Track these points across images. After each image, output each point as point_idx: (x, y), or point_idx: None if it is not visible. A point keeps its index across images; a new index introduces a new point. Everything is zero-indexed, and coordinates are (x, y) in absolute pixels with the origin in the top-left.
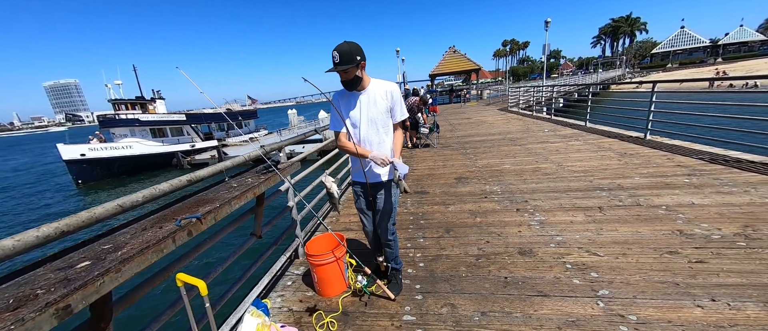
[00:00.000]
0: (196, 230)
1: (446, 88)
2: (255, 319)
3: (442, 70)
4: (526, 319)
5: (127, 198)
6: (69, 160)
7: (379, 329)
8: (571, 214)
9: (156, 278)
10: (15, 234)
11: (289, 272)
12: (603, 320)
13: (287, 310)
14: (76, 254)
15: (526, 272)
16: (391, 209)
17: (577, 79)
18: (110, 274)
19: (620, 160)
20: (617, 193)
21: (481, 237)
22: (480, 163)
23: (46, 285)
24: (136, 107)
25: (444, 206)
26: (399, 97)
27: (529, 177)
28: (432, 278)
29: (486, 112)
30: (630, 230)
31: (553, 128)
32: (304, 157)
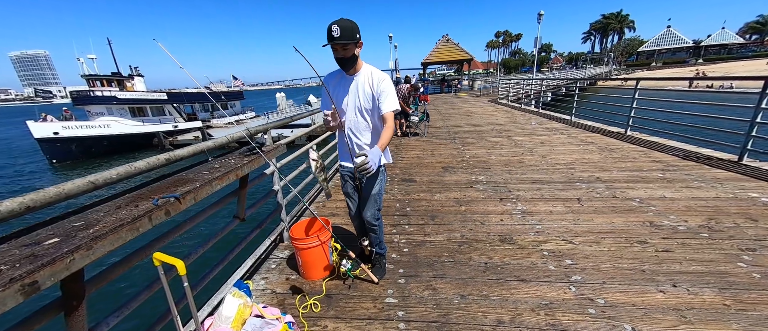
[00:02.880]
0: (174, 210)
1: (438, 77)
2: (237, 300)
3: (435, 59)
4: (503, 302)
5: (100, 175)
6: (41, 139)
7: (362, 311)
8: (551, 204)
9: (132, 258)
10: None
11: (273, 255)
12: (573, 303)
13: (270, 292)
14: (43, 230)
15: (505, 258)
16: (377, 195)
17: (566, 74)
18: (81, 251)
19: (601, 154)
20: (595, 185)
21: (465, 225)
22: (467, 153)
23: (11, 261)
24: (112, 84)
25: (430, 194)
26: (387, 87)
27: (514, 168)
28: (415, 263)
29: (476, 103)
30: (604, 221)
31: (539, 121)
32: (291, 140)
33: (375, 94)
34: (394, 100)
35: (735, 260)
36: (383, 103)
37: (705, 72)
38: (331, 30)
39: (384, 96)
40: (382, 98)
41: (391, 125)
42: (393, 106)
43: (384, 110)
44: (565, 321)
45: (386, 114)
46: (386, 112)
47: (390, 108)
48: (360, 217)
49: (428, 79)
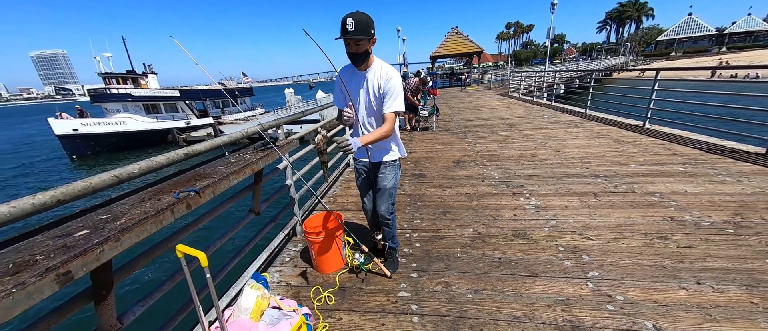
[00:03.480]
0: (194, 203)
1: (447, 70)
2: (254, 291)
3: (444, 52)
4: (518, 297)
5: (124, 169)
6: (62, 135)
7: (376, 304)
8: (566, 199)
9: (156, 250)
10: (11, 200)
11: (287, 249)
12: (591, 299)
13: (285, 284)
14: (74, 222)
15: (519, 254)
16: (391, 189)
17: (580, 66)
18: (109, 243)
19: (618, 147)
20: (612, 179)
21: (477, 219)
22: (478, 148)
23: (46, 252)
24: (127, 82)
25: (441, 189)
26: (394, 86)
27: (526, 162)
28: (428, 257)
29: (486, 97)
30: (623, 216)
31: (552, 115)
32: (301, 136)
33: (381, 92)
34: (398, 102)
35: (763, 256)
36: (386, 102)
37: (728, 61)
38: (346, 23)
39: (389, 96)
40: (387, 97)
41: (389, 127)
42: (396, 107)
43: (385, 110)
44: (583, 317)
45: (387, 114)
46: (387, 112)
47: (392, 109)
48: (373, 211)
49: (437, 73)
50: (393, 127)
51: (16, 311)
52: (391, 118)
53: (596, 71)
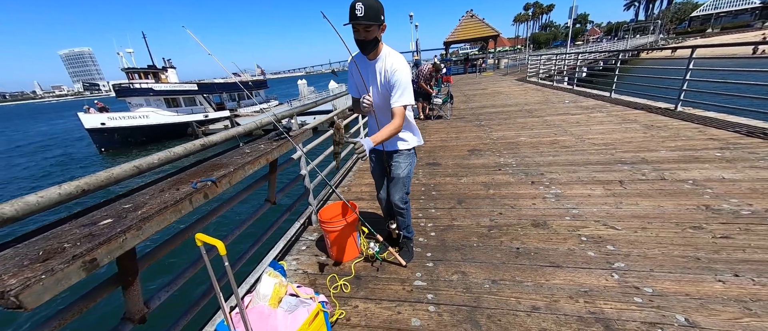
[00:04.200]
0: (211, 193)
1: (461, 57)
2: (272, 279)
3: (458, 37)
4: (537, 288)
5: (144, 160)
6: (91, 129)
7: (391, 293)
8: (590, 187)
9: (177, 238)
10: (39, 190)
11: (303, 238)
12: (617, 291)
13: (302, 272)
14: (98, 212)
15: (539, 244)
16: (405, 178)
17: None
18: (132, 231)
19: (646, 133)
20: (640, 166)
21: (494, 209)
22: (495, 135)
23: (73, 240)
24: (148, 76)
25: (456, 178)
26: (400, 78)
27: (546, 150)
28: (443, 247)
29: (503, 83)
30: (651, 204)
31: (574, 99)
32: (314, 126)
33: (388, 84)
34: (405, 96)
35: None
36: (393, 96)
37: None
38: (355, 8)
39: (395, 89)
40: (393, 91)
41: (398, 123)
42: (403, 101)
43: (392, 104)
44: (607, 309)
45: (394, 109)
46: (394, 106)
47: (399, 103)
48: (387, 200)
49: (451, 60)
50: (402, 122)
51: (46, 296)
52: (400, 113)
53: (623, 52)
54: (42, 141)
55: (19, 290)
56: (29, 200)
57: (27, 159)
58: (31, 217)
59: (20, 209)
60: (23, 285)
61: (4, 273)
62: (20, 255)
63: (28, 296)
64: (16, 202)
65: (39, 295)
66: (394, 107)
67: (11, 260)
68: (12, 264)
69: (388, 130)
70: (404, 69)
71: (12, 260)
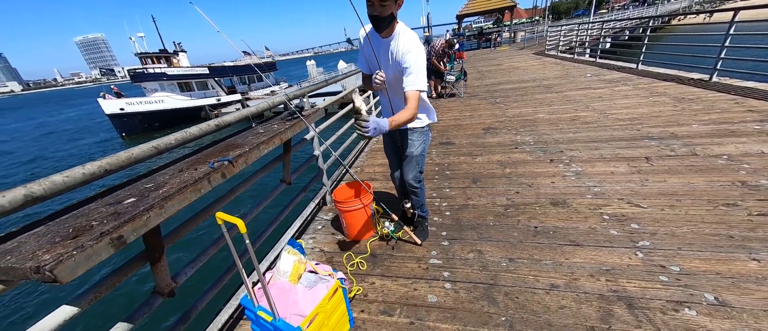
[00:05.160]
0: (229, 172)
1: (474, 31)
2: (291, 257)
3: (472, 10)
4: (556, 266)
5: (161, 140)
6: (111, 114)
7: (407, 271)
8: (613, 165)
9: (198, 217)
10: (64, 170)
11: (318, 217)
12: (641, 269)
13: (319, 250)
14: (122, 191)
15: (558, 222)
16: (419, 157)
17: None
18: (155, 210)
19: (676, 106)
20: (669, 142)
21: (510, 188)
22: (511, 113)
23: (99, 218)
24: (161, 61)
25: (471, 157)
26: (413, 60)
27: (565, 126)
28: (458, 226)
29: (519, 57)
30: (681, 181)
31: (597, 72)
32: (324, 106)
33: (401, 66)
34: (417, 79)
35: None
36: (405, 79)
37: None
38: None
39: (408, 72)
40: (406, 73)
41: (412, 107)
42: (417, 85)
43: (406, 88)
44: (631, 288)
45: (408, 93)
46: (408, 90)
47: (413, 87)
48: (401, 179)
49: (463, 34)
50: (417, 107)
51: (79, 270)
52: (414, 97)
53: (652, 18)
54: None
55: (54, 264)
56: (55, 180)
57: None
58: (58, 196)
59: (48, 188)
60: (57, 260)
61: (38, 249)
62: (52, 232)
63: (62, 271)
64: (44, 181)
65: (72, 269)
66: (407, 91)
67: (44, 237)
68: (45, 241)
69: (405, 116)
70: (418, 50)
71: (45, 236)
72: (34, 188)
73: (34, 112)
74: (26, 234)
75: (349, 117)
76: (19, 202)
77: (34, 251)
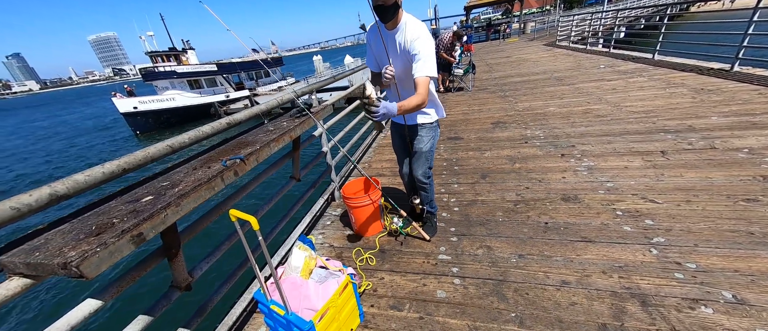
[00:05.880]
0: (241, 170)
1: (482, 23)
2: (302, 252)
3: (480, 1)
4: (567, 262)
5: (175, 139)
6: (125, 113)
7: (416, 266)
8: (626, 159)
9: (212, 213)
10: (85, 170)
11: (327, 213)
12: (655, 266)
13: (328, 245)
14: (139, 189)
15: (569, 218)
16: (428, 152)
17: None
18: (171, 207)
19: (695, 97)
20: (686, 135)
21: (520, 183)
22: (520, 106)
23: (120, 215)
24: (170, 59)
25: (479, 152)
26: (422, 46)
27: (577, 120)
28: (467, 221)
29: (529, 49)
30: (698, 176)
31: (610, 64)
32: (332, 103)
33: (409, 54)
34: (427, 65)
35: None
36: (414, 66)
37: None
38: None
39: (417, 58)
40: (415, 60)
41: (422, 93)
42: (426, 71)
43: (415, 74)
44: (644, 285)
45: (418, 79)
46: (418, 76)
47: (423, 73)
48: (410, 175)
49: (471, 26)
50: (426, 94)
51: (103, 266)
52: (424, 84)
53: (670, 5)
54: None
55: (79, 261)
56: (77, 179)
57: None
58: (80, 194)
59: (71, 187)
60: (82, 257)
61: (64, 246)
62: (76, 230)
63: (87, 267)
64: (67, 180)
65: (96, 265)
66: (417, 77)
67: (69, 234)
68: (70, 238)
69: (414, 102)
70: (426, 37)
71: (69, 234)
72: (58, 187)
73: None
74: (52, 231)
75: (356, 112)
76: (45, 200)
77: (61, 247)
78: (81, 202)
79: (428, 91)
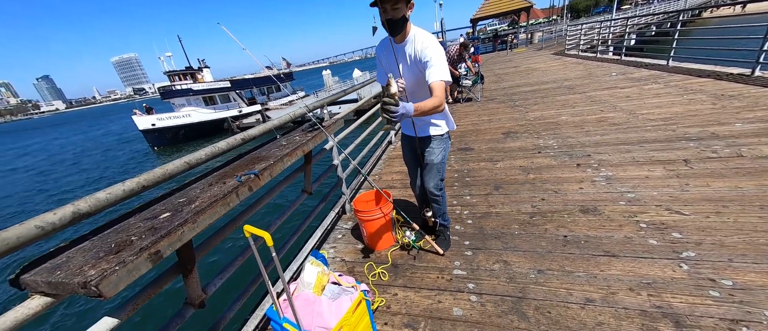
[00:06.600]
0: (255, 185)
1: (489, 34)
2: (315, 267)
3: (486, 13)
4: (590, 278)
5: (192, 156)
6: (144, 130)
7: (430, 281)
8: (647, 168)
9: (226, 229)
10: (107, 187)
11: (338, 226)
12: (687, 283)
13: (340, 260)
14: (158, 206)
15: (589, 231)
16: (440, 164)
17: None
18: (188, 224)
19: (715, 103)
20: (710, 142)
21: (535, 194)
22: (531, 116)
23: (138, 233)
24: (187, 77)
25: (491, 163)
26: (432, 53)
27: (592, 128)
28: (482, 235)
29: (537, 59)
30: (727, 186)
31: (623, 71)
32: (342, 116)
33: (421, 63)
34: (440, 70)
35: None
36: (428, 72)
37: None
38: None
39: (430, 64)
40: (427, 67)
41: (439, 97)
42: (440, 75)
43: (430, 80)
44: (677, 304)
45: (433, 84)
46: (432, 82)
47: (437, 77)
48: (421, 187)
49: (478, 37)
50: (443, 98)
51: (121, 285)
52: (439, 88)
53: (682, 12)
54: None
55: (99, 280)
56: (99, 197)
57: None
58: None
59: (92, 205)
60: (101, 276)
61: (84, 264)
62: (96, 247)
63: (106, 286)
64: (89, 198)
65: (115, 284)
66: (431, 83)
67: (89, 252)
68: (90, 256)
69: (431, 103)
70: (436, 45)
71: (90, 251)
72: (80, 205)
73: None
74: (74, 249)
75: (366, 125)
76: (68, 218)
77: (81, 266)
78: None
79: (444, 94)
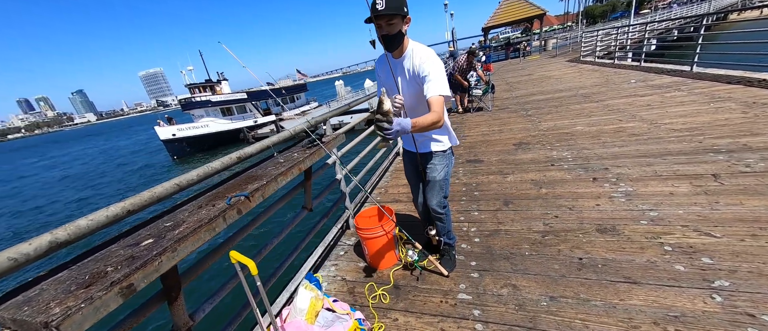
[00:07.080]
0: (245, 208)
1: (501, 42)
2: (309, 293)
3: (498, 21)
4: (609, 309)
5: (184, 177)
6: (165, 140)
7: (433, 306)
8: (671, 184)
9: (215, 254)
10: (89, 214)
11: (341, 242)
12: (721, 317)
13: (341, 279)
14: (143, 230)
15: (607, 254)
16: (443, 181)
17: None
18: (167, 253)
19: (746, 112)
20: (742, 155)
21: (548, 211)
22: (544, 126)
23: (115, 262)
24: (206, 89)
25: (501, 176)
26: (431, 67)
27: (609, 139)
28: (489, 255)
29: (551, 66)
30: (763, 204)
31: (643, 78)
32: (351, 127)
33: (420, 78)
34: (439, 84)
35: None
36: (426, 86)
37: None
38: (375, 2)
39: (428, 79)
40: (426, 81)
41: (438, 112)
42: (439, 90)
43: (428, 94)
44: None
45: (431, 99)
46: (431, 96)
47: (435, 92)
48: (424, 204)
49: (489, 46)
50: (442, 113)
51: (85, 325)
52: (438, 103)
53: (706, 15)
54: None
55: (61, 320)
56: (80, 224)
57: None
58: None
59: (72, 233)
60: (64, 315)
61: (53, 299)
62: (71, 279)
63: (68, 327)
64: (69, 226)
65: (79, 324)
66: (430, 97)
67: (63, 284)
68: (61, 289)
69: (430, 119)
70: (434, 59)
71: (64, 283)
72: (59, 234)
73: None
74: (50, 280)
75: (372, 138)
76: (44, 248)
77: (49, 301)
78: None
79: (443, 109)
